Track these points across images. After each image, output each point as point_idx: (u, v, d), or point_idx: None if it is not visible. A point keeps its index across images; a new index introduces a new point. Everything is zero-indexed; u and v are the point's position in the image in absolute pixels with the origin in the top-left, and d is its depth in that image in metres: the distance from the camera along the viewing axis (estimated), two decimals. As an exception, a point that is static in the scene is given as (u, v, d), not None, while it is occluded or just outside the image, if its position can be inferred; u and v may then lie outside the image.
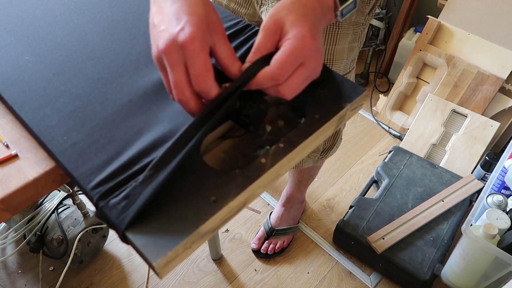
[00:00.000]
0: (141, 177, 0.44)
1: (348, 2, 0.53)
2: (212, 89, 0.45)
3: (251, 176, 0.46)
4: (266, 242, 1.48)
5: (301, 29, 0.46)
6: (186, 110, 0.47)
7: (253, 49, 0.48)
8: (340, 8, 0.53)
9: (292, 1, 0.49)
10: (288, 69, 0.45)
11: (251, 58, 0.48)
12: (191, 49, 0.43)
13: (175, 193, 0.45)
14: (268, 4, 0.89)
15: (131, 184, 0.45)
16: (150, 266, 0.40)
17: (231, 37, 0.64)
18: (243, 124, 0.50)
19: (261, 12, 0.92)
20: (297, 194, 1.49)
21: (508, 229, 1.18)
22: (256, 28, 0.66)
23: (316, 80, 0.52)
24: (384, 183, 1.56)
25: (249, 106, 0.49)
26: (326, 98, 0.54)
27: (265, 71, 0.46)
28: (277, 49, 0.47)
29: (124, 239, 0.43)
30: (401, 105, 1.97)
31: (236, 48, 0.62)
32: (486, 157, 1.58)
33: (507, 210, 1.24)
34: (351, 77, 1.00)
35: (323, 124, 0.51)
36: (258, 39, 0.48)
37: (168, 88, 0.47)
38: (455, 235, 1.41)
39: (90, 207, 1.38)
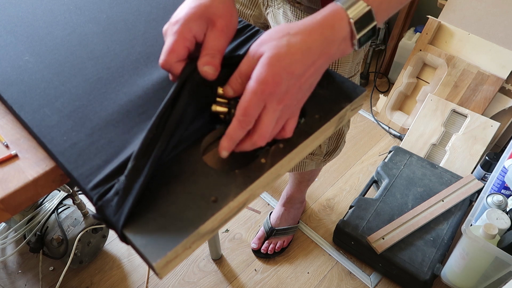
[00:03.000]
0: (126, 171, 0.45)
1: (367, 29, 0.47)
2: (171, 67, 0.50)
3: (251, 176, 0.46)
4: (266, 242, 1.48)
5: (265, 69, 0.43)
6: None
7: (239, 76, 0.47)
8: (358, 37, 0.46)
9: (288, 32, 0.45)
10: (252, 114, 0.43)
11: (237, 87, 0.47)
12: (170, 29, 0.50)
13: (175, 193, 0.45)
14: (274, 6, 0.88)
15: (119, 179, 0.45)
16: (150, 266, 0.40)
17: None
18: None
19: (267, 13, 0.92)
20: (297, 194, 1.49)
21: (508, 229, 1.18)
22: (256, 28, 0.66)
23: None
24: (384, 183, 1.56)
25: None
26: (326, 98, 0.54)
27: (232, 123, 0.44)
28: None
29: (123, 238, 0.43)
30: (401, 105, 1.97)
31: (236, 48, 0.62)
32: (486, 157, 1.58)
33: (507, 210, 1.24)
34: (356, 80, 1.00)
35: (323, 124, 0.51)
36: (243, 65, 0.47)
37: None
38: (455, 235, 1.41)
39: (90, 207, 1.38)
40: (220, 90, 0.48)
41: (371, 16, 0.46)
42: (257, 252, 1.49)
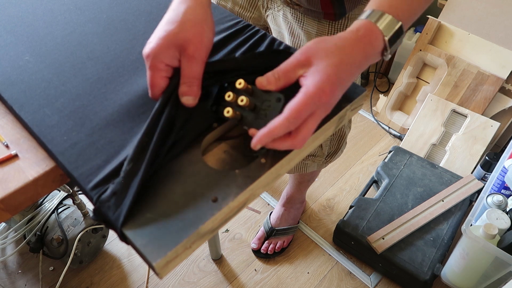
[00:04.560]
0: (122, 172, 0.45)
1: (398, 42, 0.51)
2: (155, 97, 0.52)
3: (251, 176, 0.46)
4: (266, 242, 1.48)
5: (324, 79, 0.45)
6: None
7: (277, 72, 0.47)
8: (389, 50, 0.50)
9: (335, 44, 0.47)
10: (302, 117, 0.44)
11: (271, 80, 0.46)
12: (147, 62, 0.51)
13: (175, 194, 0.45)
14: (274, 8, 0.88)
15: (115, 180, 0.45)
16: (150, 266, 0.40)
17: (231, 37, 0.64)
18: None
19: (267, 16, 0.92)
20: (297, 195, 1.49)
21: (508, 229, 1.18)
22: (256, 28, 0.66)
23: None
24: (384, 183, 1.56)
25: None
26: None
27: (279, 120, 0.44)
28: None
29: (123, 237, 0.43)
30: (401, 105, 1.97)
31: (236, 48, 0.62)
32: (486, 157, 1.58)
33: (507, 210, 1.24)
34: (356, 80, 1.00)
35: (323, 124, 0.51)
36: (285, 65, 0.46)
37: None
38: (455, 235, 1.41)
39: (90, 207, 1.38)
40: (240, 83, 0.48)
41: (402, 30, 0.50)
42: (257, 252, 1.49)
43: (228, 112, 0.47)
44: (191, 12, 0.52)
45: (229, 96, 0.48)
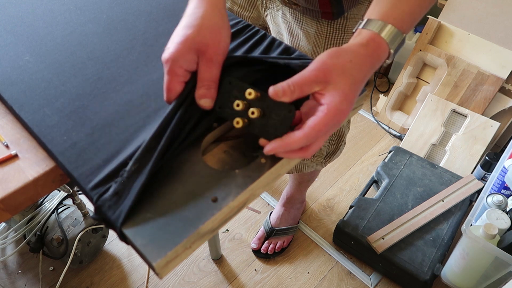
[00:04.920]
0: (126, 172, 0.45)
1: (398, 52, 0.53)
2: (170, 101, 0.52)
3: (251, 176, 0.46)
4: (266, 242, 1.48)
5: (343, 99, 0.46)
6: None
7: (293, 85, 0.46)
8: (390, 59, 0.52)
9: (351, 61, 0.47)
10: (319, 136, 0.46)
11: (287, 92, 0.46)
12: (165, 67, 0.51)
13: (175, 194, 0.45)
14: (272, 7, 0.88)
15: (118, 180, 0.45)
16: (150, 266, 0.40)
17: (231, 37, 0.64)
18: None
19: (266, 15, 0.92)
20: (297, 195, 1.49)
21: (508, 229, 1.18)
22: (256, 28, 0.66)
23: None
24: (384, 183, 1.56)
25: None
26: None
27: (298, 137, 0.45)
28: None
29: (123, 237, 0.43)
30: (401, 105, 1.97)
31: (236, 48, 0.62)
32: (486, 157, 1.58)
33: (507, 210, 1.24)
34: None
35: None
36: (302, 79, 0.46)
37: None
38: (455, 235, 1.41)
39: (90, 207, 1.38)
40: (250, 93, 0.48)
41: (404, 40, 0.52)
42: (257, 252, 1.49)
43: (238, 123, 0.47)
44: (208, 17, 0.52)
45: (238, 105, 0.48)
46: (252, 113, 0.46)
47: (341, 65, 0.47)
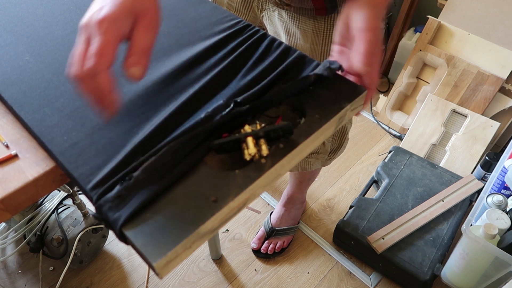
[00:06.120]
0: (133, 179, 0.44)
1: None
2: (98, 73, 0.44)
3: (251, 176, 0.46)
4: (266, 242, 1.48)
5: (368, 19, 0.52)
6: (77, 89, 0.47)
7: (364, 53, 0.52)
8: None
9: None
10: (374, 54, 0.52)
11: (363, 63, 0.52)
12: (99, 29, 0.44)
13: (175, 193, 0.45)
14: (268, 9, 0.88)
15: (123, 183, 0.45)
16: (150, 266, 0.40)
17: (231, 37, 0.64)
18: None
19: (262, 16, 0.92)
20: (298, 194, 1.48)
21: (508, 229, 1.18)
22: (256, 28, 0.66)
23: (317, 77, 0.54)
24: (384, 183, 1.56)
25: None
26: (326, 98, 0.54)
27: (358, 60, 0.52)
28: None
29: (123, 239, 0.43)
30: (401, 105, 1.97)
31: (236, 48, 0.62)
32: (486, 157, 1.58)
33: (507, 210, 1.24)
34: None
35: (323, 124, 0.51)
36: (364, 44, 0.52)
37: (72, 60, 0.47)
38: (455, 235, 1.41)
39: (90, 207, 1.38)
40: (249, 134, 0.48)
41: None
42: (257, 252, 1.49)
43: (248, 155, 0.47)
44: None
45: (250, 154, 0.47)
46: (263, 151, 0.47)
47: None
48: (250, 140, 0.47)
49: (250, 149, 0.46)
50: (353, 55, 0.53)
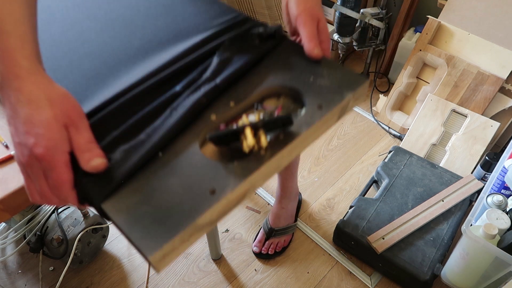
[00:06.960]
0: (111, 160, 0.47)
1: None
2: (68, 197, 0.46)
3: (250, 168, 0.45)
4: (267, 243, 1.48)
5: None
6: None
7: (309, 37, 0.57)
8: None
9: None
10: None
11: (312, 46, 0.57)
12: (46, 161, 0.43)
13: (172, 185, 0.45)
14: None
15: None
16: (146, 259, 0.40)
17: (229, 31, 0.64)
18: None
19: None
20: (290, 183, 1.47)
21: (508, 229, 1.17)
22: (256, 22, 0.66)
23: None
24: (384, 183, 1.55)
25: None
26: (327, 88, 0.53)
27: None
28: None
29: (102, 214, 0.44)
30: (401, 105, 1.97)
31: (235, 44, 0.62)
32: (486, 157, 1.57)
33: (507, 210, 1.23)
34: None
35: (324, 115, 0.50)
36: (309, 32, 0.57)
37: (30, 190, 0.47)
38: (455, 235, 1.40)
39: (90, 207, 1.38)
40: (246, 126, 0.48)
41: None
42: (258, 254, 1.48)
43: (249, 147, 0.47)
44: (44, 87, 0.46)
45: (249, 146, 0.47)
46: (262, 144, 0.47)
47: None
48: (248, 131, 0.47)
49: (249, 140, 0.46)
50: (303, 43, 0.58)
